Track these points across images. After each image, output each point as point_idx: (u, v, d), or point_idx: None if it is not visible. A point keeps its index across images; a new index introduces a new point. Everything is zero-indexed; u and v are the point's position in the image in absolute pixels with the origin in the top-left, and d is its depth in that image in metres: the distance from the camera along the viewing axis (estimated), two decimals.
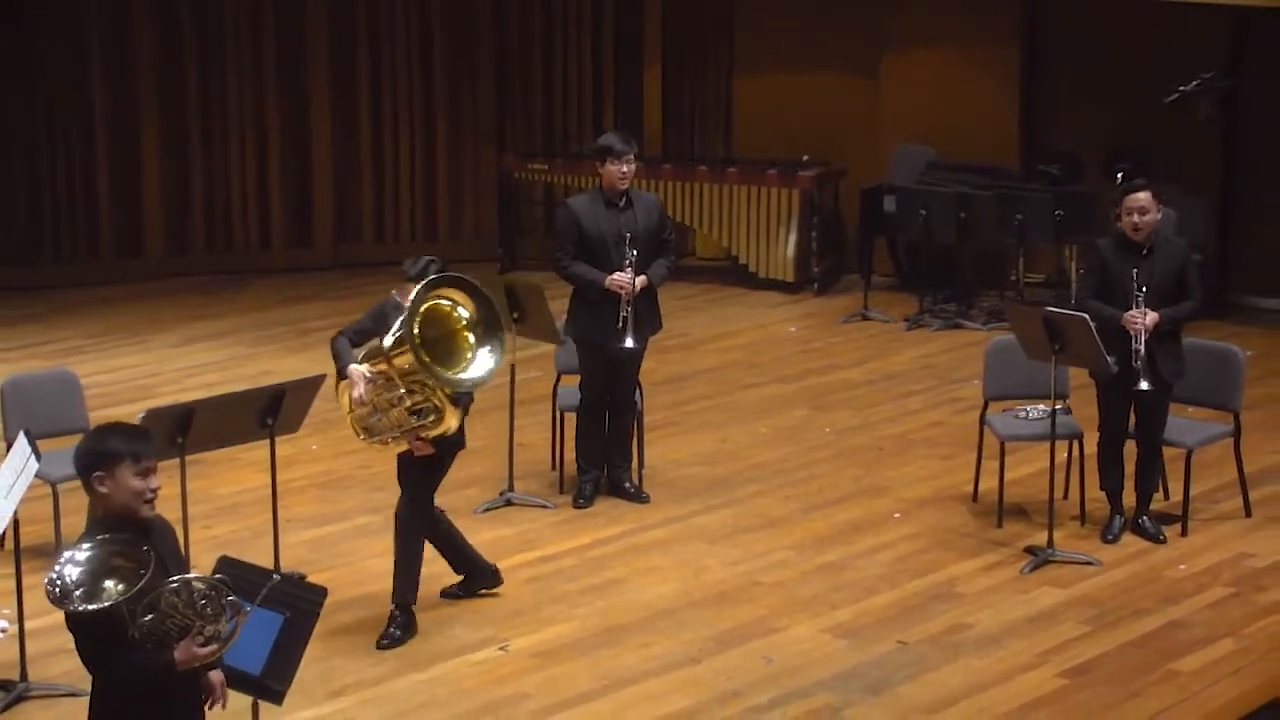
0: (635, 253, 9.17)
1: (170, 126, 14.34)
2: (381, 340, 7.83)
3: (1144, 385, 8.63)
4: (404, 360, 7.68)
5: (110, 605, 5.00)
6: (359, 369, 7.86)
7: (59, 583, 5.00)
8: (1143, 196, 8.64)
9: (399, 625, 7.91)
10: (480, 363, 7.72)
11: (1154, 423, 8.92)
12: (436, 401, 7.78)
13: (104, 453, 5.19)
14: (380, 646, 7.78)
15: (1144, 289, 8.59)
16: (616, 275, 9.16)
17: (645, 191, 10.25)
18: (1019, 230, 12.78)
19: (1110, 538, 8.96)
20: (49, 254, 14.20)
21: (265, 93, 14.52)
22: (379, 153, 14.92)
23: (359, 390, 7.82)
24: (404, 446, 7.90)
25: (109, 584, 5.03)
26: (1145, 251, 8.67)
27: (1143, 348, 8.58)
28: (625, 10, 15.03)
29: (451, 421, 7.82)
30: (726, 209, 14.11)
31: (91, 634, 5.10)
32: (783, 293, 13.99)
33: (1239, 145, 13.37)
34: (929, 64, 14.14)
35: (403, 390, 7.77)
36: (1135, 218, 8.63)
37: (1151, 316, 8.59)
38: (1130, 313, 8.59)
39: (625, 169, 9.19)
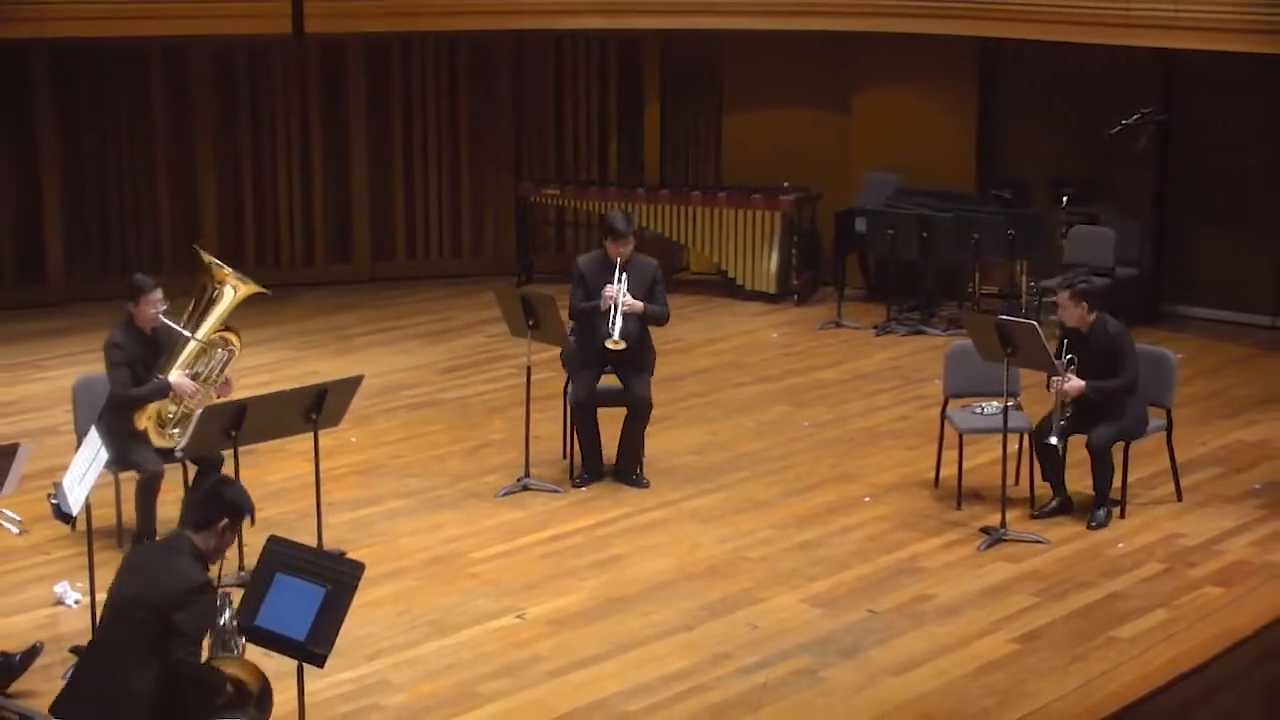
0: (625, 275, 9.33)
1: (224, 155, 14.30)
2: (186, 337, 8.34)
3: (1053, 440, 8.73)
4: (209, 324, 8.39)
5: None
6: (177, 375, 8.31)
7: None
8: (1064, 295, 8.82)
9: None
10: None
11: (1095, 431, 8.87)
12: (229, 343, 8.43)
13: (244, 508, 5.40)
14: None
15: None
16: (608, 288, 9.31)
17: (643, 256, 9.96)
18: (975, 248, 12.75)
19: (1041, 514, 8.97)
20: (117, 268, 14.16)
21: (310, 126, 14.48)
22: (410, 179, 14.86)
23: (190, 389, 8.28)
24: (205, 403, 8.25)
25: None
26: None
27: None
28: (627, 55, 15.00)
29: (237, 343, 8.42)
30: (717, 229, 14.06)
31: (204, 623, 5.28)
32: (766, 303, 13.95)
33: (1170, 171, 13.34)
34: (895, 101, 14.10)
35: (219, 348, 8.35)
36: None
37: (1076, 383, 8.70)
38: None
39: (624, 249, 9.39)
